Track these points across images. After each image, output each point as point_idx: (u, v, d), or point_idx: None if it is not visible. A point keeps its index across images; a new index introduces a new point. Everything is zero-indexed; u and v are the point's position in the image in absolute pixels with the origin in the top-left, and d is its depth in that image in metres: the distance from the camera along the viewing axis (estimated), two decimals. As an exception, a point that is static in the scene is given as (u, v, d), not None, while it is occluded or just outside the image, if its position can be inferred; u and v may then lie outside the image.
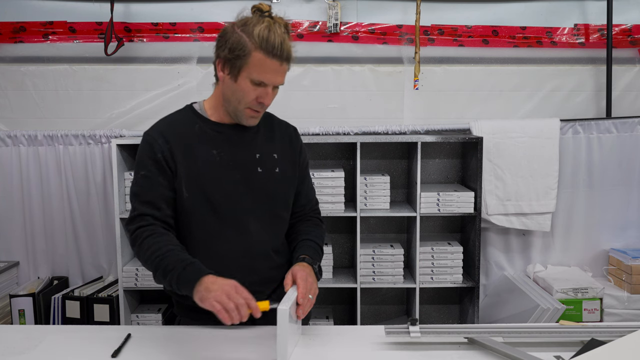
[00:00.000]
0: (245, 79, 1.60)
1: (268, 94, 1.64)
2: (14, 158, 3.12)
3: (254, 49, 1.56)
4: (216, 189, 1.67)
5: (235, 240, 1.70)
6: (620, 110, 3.27)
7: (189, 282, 1.49)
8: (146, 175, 1.67)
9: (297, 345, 1.58)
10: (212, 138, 1.70)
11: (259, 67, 1.58)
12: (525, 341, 1.56)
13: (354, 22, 3.22)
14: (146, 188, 1.66)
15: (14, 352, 1.54)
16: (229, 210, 1.68)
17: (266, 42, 1.56)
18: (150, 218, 1.64)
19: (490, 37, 3.26)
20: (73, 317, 2.96)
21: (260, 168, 1.72)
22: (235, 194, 1.69)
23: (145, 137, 1.71)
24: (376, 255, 2.92)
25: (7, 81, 3.19)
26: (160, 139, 1.67)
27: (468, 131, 3.10)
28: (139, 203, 1.66)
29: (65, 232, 3.17)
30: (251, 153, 1.73)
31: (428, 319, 3.25)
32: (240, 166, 1.70)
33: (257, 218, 1.72)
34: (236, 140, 1.72)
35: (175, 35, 3.19)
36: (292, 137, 1.84)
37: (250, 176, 1.71)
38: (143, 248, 1.60)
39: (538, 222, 3.14)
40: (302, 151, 1.86)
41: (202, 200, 1.67)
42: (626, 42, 3.28)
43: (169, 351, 1.55)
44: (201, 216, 1.68)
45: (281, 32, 1.58)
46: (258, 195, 1.72)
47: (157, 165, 1.66)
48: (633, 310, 2.99)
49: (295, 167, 1.81)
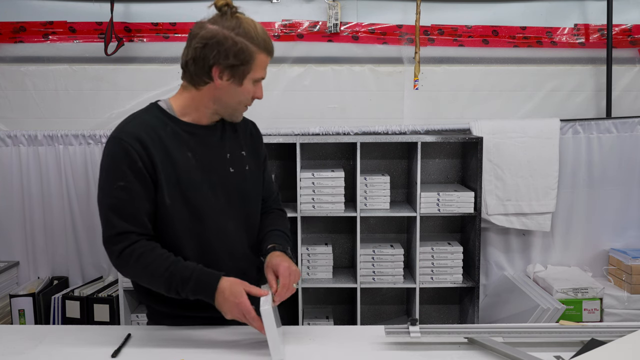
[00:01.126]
0: (249, 80, 1.60)
1: (261, 89, 1.66)
2: (14, 158, 3.12)
3: (257, 51, 1.57)
4: (196, 193, 1.62)
5: (218, 244, 1.67)
6: (620, 110, 3.26)
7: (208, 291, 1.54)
8: (125, 187, 1.54)
9: (297, 345, 1.58)
10: (185, 140, 1.62)
11: (260, 66, 1.60)
12: (525, 341, 1.56)
13: (354, 22, 3.22)
14: (126, 201, 1.55)
15: (14, 352, 1.54)
16: (209, 213, 1.64)
17: (264, 42, 1.59)
18: (134, 235, 1.56)
19: (490, 37, 3.26)
20: (73, 317, 2.96)
21: (232, 168, 1.69)
22: (213, 197, 1.65)
23: (118, 143, 1.55)
24: (376, 255, 2.92)
25: (7, 81, 3.19)
26: (136, 145, 1.54)
27: (468, 131, 3.10)
28: (119, 219, 1.55)
29: (65, 232, 3.17)
30: (222, 153, 1.69)
31: (428, 319, 3.25)
32: (215, 168, 1.66)
33: (234, 219, 1.70)
34: (207, 141, 1.67)
35: (175, 35, 3.19)
36: (252, 132, 1.82)
37: (224, 177, 1.68)
38: (141, 264, 1.55)
39: (538, 222, 3.14)
40: (262, 144, 1.84)
41: (184, 206, 1.61)
42: (626, 42, 3.28)
43: (169, 351, 1.54)
44: (184, 223, 1.62)
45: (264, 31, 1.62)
46: (233, 195, 1.69)
47: (136, 175, 1.54)
48: (633, 310, 2.99)
49: (259, 162, 1.81)
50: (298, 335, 1.63)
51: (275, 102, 3.15)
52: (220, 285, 1.52)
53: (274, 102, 3.15)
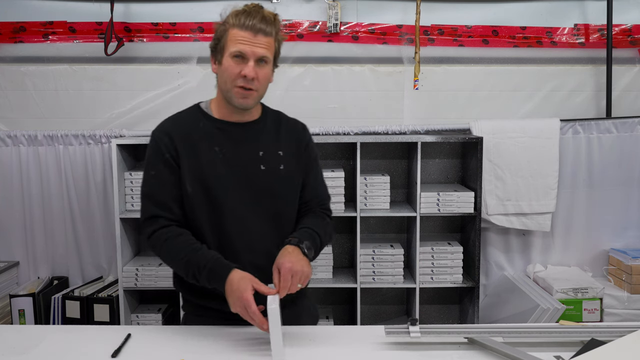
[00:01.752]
0: (226, 58, 1.65)
1: (249, 66, 1.64)
2: (14, 158, 3.12)
3: (229, 27, 1.65)
4: (217, 186, 1.69)
5: (237, 238, 1.71)
6: (620, 110, 3.27)
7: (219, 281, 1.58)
8: (156, 175, 1.71)
9: (298, 345, 1.58)
10: (215, 135, 1.72)
11: (233, 40, 1.64)
12: (525, 341, 1.56)
13: (354, 22, 3.22)
14: (157, 188, 1.71)
15: (14, 352, 1.54)
16: (230, 206, 1.69)
17: (237, 17, 1.64)
18: (163, 220, 1.69)
19: (490, 37, 3.26)
20: (73, 317, 2.96)
21: (264, 165, 1.73)
22: (236, 191, 1.70)
23: (153, 136, 1.74)
24: (376, 255, 2.92)
25: (7, 81, 3.19)
26: (165, 138, 1.71)
27: (468, 131, 3.10)
28: (151, 204, 1.70)
29: (65, 232, 3.17)
30: (254, 150, 1.74)
31: (428, 319, 3.25)
32: (243, 163, 1.72)
33: (259, 216, 1.72)
34: (239, 137, 1.73)
35: (175, 35, 3.19)
36: (299, 134, 1.84)
37: (252, 173, 1.72)
38: (165, 249, 1.67)
39: (538, 222, 3.14)
40: (308, 147, 1.84)
41: (205, 196, 1.69)
42: (626, 42, 3.28)
43: (169, 351, 1.55)
44: (204, 212, 1.69)
45: (258, 10, 1.65)
46: (260, 192, 1.72)
47: (165, 164, 1.69)
48: (633, 310, 2.99)
49: (299, 165, 1.81)
50: (298, 335, 1.63)
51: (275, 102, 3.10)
52: (230, 277, 1.56)
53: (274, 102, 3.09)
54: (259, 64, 1.66)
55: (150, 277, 2.88)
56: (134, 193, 2.89)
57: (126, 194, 2.90)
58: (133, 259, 3.04)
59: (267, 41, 1.66)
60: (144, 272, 2.88)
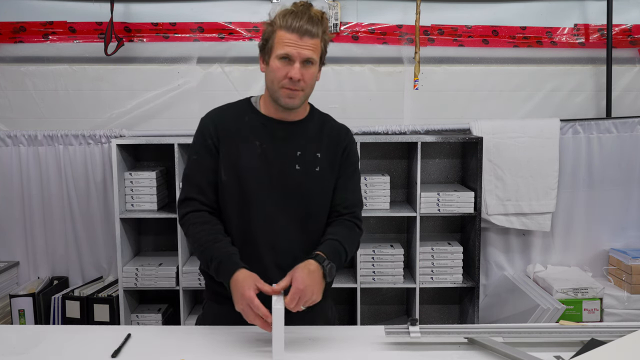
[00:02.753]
0: (274, 59, 1.67)
1: (295, 68, 1.66)
2: (14, 158, 3.12)
3: (276, 29, 1.67)
4: (250, 179, 1.71)
5: (260, 233, 1.72)
6: (620, 110, 3.27)
7: (225, 277, 1.60)
8: (197, 160, 1.77)
9: (298, 345, 1.58)
10: (258, 130, 1.75)
11: (280, 43, 1.66)
12: (525, 341, 1.56)
13: (354, 22, 3.22)
14: (195, 171, 1.76)
15: (14, 352, 1.54)
16: (259, 200, 1.71)
17: (284, 19, 1.65)
18: (197, 203, 1.74)
19: (490, 37, 3.26)
20: (73, 317, 2.96)
21: (299, 165, 1.74)
22: (267, 188, 1.71)
23: (200, 123, 1.80)
24: (376, 255, 2.92)
25: (7, 81, 3.19)
26: (211, 125, 1.76)
27: (468, 131, 3.10)
28: (189, 185, 1.77)
29: (65, 232, 3.17)
30: (293, 149, 1.75)
31: (428, 319, 3.25)
32: (279, 161, 1.73)
33: (287, 214, 1.73)
34: (281, 135, 1.75)
35: (175, 35, 3.19)
36: (340, 137, 1.84)
37: (287, 172, 1.73)
38: (190, 234, 1.73)
39: (538, 222, 3.14)
40: (346, 151, 1.83)
41: (237, 187, 1.72)
42: (626, 42, 3.28)
43: (169, 351, 1.55)
44: (235, 204, 1.73)
45: (305, 10, 1.66)
46: (292, 192, 1.73)
47: (206, 150, 1.74)
48: (633, 310, 2.99)
49: (334, 169, 1.80)
50: (298, 335, 1.63)
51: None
52: (235, 275, 1.57)
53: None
54: (305, 65, 1.68)
55: (150, 277, 2.88)
56: (134, 193, 2.90)
57: (126, 194, 2.90)
58: (133, 259, 3.04)
59: (314, 43, 1.67)
60: (144, 272, 2.88)
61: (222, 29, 3.19)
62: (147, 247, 3.21)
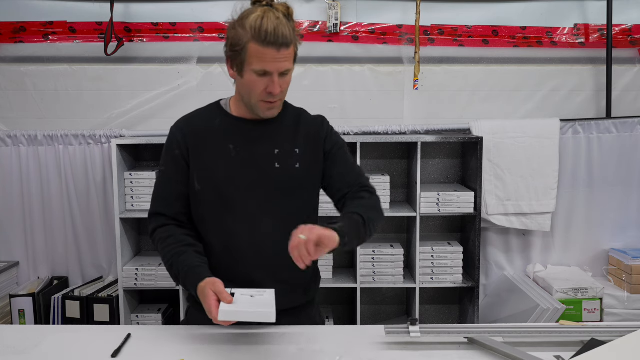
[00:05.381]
0: (249, 72, 1.58)
1: (274, 82, 1.58)
2: (14, 158, 3.12)
3: (248, 41, 1.54)
4: (228, 184, 1.65)
5: (248, 238, 1.66)
6: (620, 110, 3.27)
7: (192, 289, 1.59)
8: (163, 172, 1.73)
9: (297, 345, 1.58)
10: (230, 133, 1.68)
11: (256, 57, 1.55)
12: (525, 341, 1.56)
13: (354, 22, 3.22)
14: (161, 184, 1.74)
15: (14, 352, 1.54)
16: (241, 206, 1.66)
17: (258, 31, 1.52)
18: (163, 218, 1.70)
19: (490, 37, 3.26)
20: (73, 317, 2.96)
21: (278, 164, 1.67)
22: (248, 190, 1.65)
23: (169, 133, 1.75)
24: (376, 255, 2.92)
25: (7, 81, 3.19)
26: (178, 134, 1.71)
27: (468, 131, 3.10)
28: (155, 200, 1.73)
29: (65, 232, 3.17)
30: (270, 148, 1.68)
31: (428, 319, 3.25)
32: (257, 162, 1.67)
33: (272, 216, 1.67)
34: (255, 135, 1.68)
35: (175, 35, 3.19)
36: (318, 129, 1.75)
37: (266, 172, 1.67)
38: (158, 250, 1.70)
39: (538, 222, 3.14)
40: (327, 140, 1.75)
41: (214, 195, 1.66)
42: (626, 42, 3.28)
43: (169, 351, 1.54)
44: (214, 211, 1.67)
45: (275, 18, 1.54)
46: (273, 192, 1.67)
47: (174, 161, 1.70)
48: (633, 310, 2.99)
49: (317, 161, 1.74)
50: (298, 335, 1.63)
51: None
52: (199, 286, 1.55)
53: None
54: (283, 75, 1.60)
55: (150, 277, 2.88)
56: (134, 193, 2.90)
57: (126, 194, 2.90)
58: (133, 259, 3.04)
59: (289, 52, 1.57)
60: (144, 272, 2.88)
61: (222, 29, 3.19)
62: (147, 247, 3.21)
